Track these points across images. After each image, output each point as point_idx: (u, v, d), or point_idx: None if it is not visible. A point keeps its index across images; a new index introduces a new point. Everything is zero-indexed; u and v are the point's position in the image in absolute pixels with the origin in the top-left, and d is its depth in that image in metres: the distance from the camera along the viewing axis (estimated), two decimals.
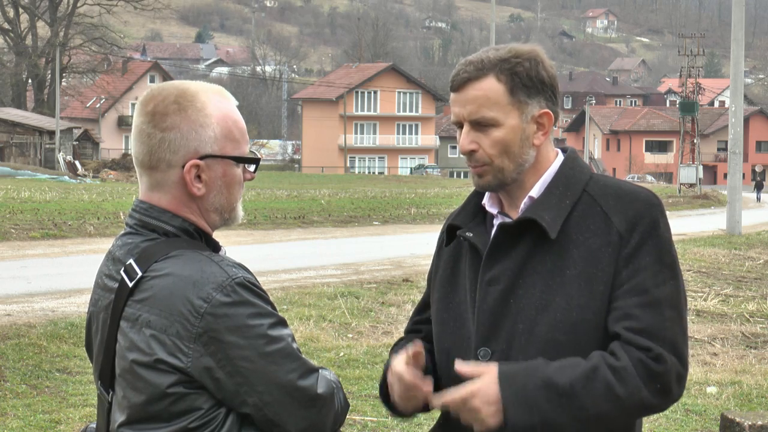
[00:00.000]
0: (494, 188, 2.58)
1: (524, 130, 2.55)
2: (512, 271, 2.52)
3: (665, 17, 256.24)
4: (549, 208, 2.53)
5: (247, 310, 2.32)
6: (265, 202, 34.10)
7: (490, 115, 2.53)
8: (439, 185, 60.06)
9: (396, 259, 19.08)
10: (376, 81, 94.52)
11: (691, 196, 54.81)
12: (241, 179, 2.48)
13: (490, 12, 46.98)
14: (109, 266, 2.48)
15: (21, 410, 7.92)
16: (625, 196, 2.52)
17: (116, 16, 79.54)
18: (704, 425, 7.90)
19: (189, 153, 2.41)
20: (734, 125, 29.36)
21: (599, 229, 2.50)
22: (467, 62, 2.57)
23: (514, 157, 2.55)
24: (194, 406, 2.34)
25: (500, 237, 2.55)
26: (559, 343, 2.47)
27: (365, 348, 10.29)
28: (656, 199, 2.54)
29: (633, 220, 2.49)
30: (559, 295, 2.48)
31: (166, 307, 2.32)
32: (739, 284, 16.29)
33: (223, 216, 2.48)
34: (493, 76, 2.53)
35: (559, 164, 2.61)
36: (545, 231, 2.50)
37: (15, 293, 13.28)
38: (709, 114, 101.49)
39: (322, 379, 2.43)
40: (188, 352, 2.31)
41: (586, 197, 2.55)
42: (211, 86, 2.49)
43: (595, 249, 2.48)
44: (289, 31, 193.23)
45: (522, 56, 2.55)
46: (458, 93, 2.56)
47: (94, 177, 59.80)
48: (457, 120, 2.58)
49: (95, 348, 2.52)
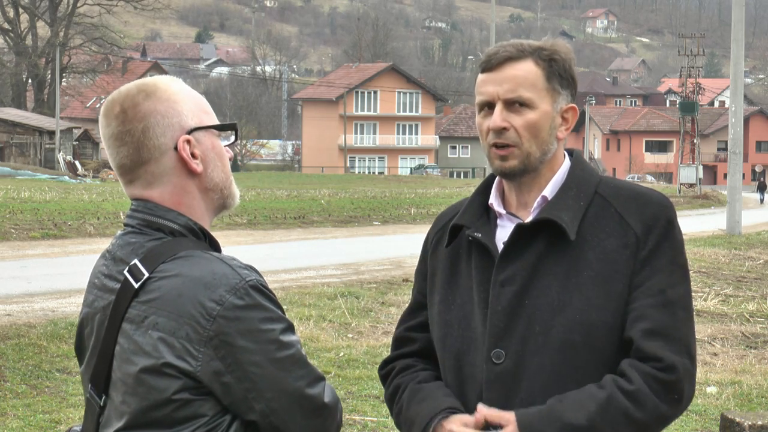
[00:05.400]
0: (516, 173, 2.55)
1: (554, 119, 2.56)
2: (527, 272, 2.51)
3: (665, 17, 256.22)
4: (566, 209, 2.52)
5: (260, 314, 2.26)
6: (265, 202, 34.09)
7: (527, 95, 2.52)
8: (439, 185, 60.04)
9: (396, 259, 19.07)
10: (376, 81, 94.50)
11: (691, 196, 54.81)
12: (226, 153, 2.45)
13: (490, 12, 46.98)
14: (108, 266, 2.38)
15: (21, 410, 7.92)
16: (639, 198, 2.54)
17: (116, 16, 79.56)
18: (704, 425, 7.90)
19: (176, 131, 2.36)
20: (734, 125, 29.35)
21: (615, 231, 2.50)
22: (505, 44, 2.58)
23: (542, 144, 2.54)
24: (199, 412, 2.26)
25: (516, 237, 2.53)
26: (576, 345, 2.46)
27: (365, 348, 10.28)
28: (669, 201, 2.57)
29: (649, 222, 2.50)
30: (575, 297, 2.47)
31: (176, 309, 2.24)
32: (739, 284, 16.29)
33: (223, 193, 2.42)
34: (532, 60, 2.55)
35: (569, 166, 2.61)
36: (564, 232, 2.49)
37: (15, 293, 13.27)
38: (709, 114, 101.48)
39: (328, 389, 2.37)
40: (198, 355, 2.23)
41: (599, 199, 2.55)
42: (162, 76, 2.47)
43: (612, 250, 2.49)
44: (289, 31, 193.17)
45: (559, 48, 2.58)
46: (494, 72, 2.55)
47: (94, 177, 59.82)
48: (489, 99, 2.55)
49: (88, 350, 2.42)
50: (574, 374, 2.47)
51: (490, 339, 2.51)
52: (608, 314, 2.46)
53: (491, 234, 2.58)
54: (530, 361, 2.48)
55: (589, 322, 2.46)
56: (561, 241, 2.50)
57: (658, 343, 2.43)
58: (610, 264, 2.48)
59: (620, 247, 2.49)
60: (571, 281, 2.48)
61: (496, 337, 2.51)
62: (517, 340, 2.49)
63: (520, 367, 2.49)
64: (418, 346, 2.72)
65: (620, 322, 2.47)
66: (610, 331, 2.47)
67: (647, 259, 2.48)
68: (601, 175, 2.62)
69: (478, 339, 2.54)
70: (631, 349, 2.47)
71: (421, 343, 2.72)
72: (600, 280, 2.47)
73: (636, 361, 2.44)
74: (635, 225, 2.50)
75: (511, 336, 2.50)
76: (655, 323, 2.44)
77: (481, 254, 2.58)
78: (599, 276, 2.47)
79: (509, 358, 2.49)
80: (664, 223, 2.51)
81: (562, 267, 2.49)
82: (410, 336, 2.74)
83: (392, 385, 2.71)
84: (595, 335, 2.46)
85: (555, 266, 2.50)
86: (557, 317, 2.47)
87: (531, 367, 2.49)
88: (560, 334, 2.46)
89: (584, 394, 2.42)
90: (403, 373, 2.71)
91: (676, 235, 2.53)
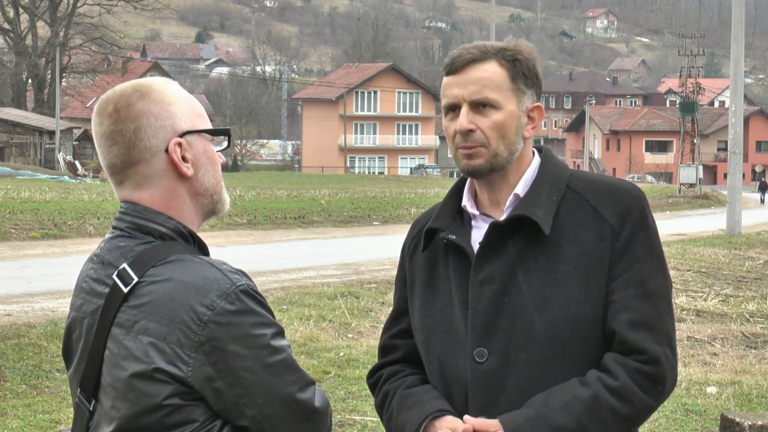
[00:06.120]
0: (483, 172, 2.57)
1: (519, 118, 2.58)
2: (505, 270, 2.52)
3: (665, 17, 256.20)
4: (539, 205, 2.53)
5: (251, 319, 2.25)
6: (265, 202, 34.10)
7: (492, 96, 2.54)
8: (439, 185, 60.03)
9: (396, 259, 18.97)
10: (376, 81, 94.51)
11: (691, 196, 54.77)
12: (218, 158, 2.44)
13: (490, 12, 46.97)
14: (97, 270, 2.37)
15: (21, 410, 7.92)
16: (612, 190, 2.56)
17: (116, 16, 79.52)
18: (704, 425, 7.89)
19: (168, 133, 2.34)
20: (734, 125, 29.36)
21: (590, 224, 2.52)
22: (468, 47, 2.59)
23: (509, 144, 2.56)
24: (190, 418, 2.25)
25: (491, 236, 2.55)
26: (562, 340, 2.47)
27: (365, 348, 10.28)
28: (641, 192, 2.59)
29: (623, 213, 2.52)
30: (556, 292, 2.48)
31: (167, 314, 2.23)
32: (739, 284, 16.29)
33: (213, 198, 2.41)
34: (496, 61, 2.56)
35: (539, 162, 2.63)
36: (539, 227, 2.50)
37: (15, 293, 13.28)
38: (709, 114, 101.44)
39: (319, 393, 2.37)
40: (189, 361, 2.22)
41: (571, 193, 2.57)
42: (158, 77, 2.47)
43: (588, 244, 2.51)
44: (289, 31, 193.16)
45: (521, 48, 2.60)
46: (458, 74, 2.57)
47: (94, 177, 59.81)
48: (455, 102, 2.57)
49: (77, 355, 2.40)
50: (562, 369, 2.48)
51: (473, 339, 2.53)
52: (589, 308, 2.48)
53: (466, 235, 2.59)
54: (516, 359, 2.49)
55: (571, 317, 2.47)
56: (537, 237, 2.52)
57: (642, 334, 2.46)
58: (588, 257, 2.50)
59: (596, 240, 2.51)
60: (550, 276, 2.50)
61: (478, 337, 2.52)
62: (501, 339, 2.50)
63: (506, 365, 2.50)
64: (402, 353, 2.73)
65: (602, 315, 2.49)
66: (594, 324, 2.49)
67: (624, 249, 2.50)
68: (572, 169, 2.65)
69: (461, 340, 2.55)
70: (613, 341, 2.49)
71: (405, 349, 2.73)
72: (579, 274, 2.49)
73: (619, 356, 2.47)
74: (610, 217, 2.52)
75: (494, 334, 2.51)
76: (637, 314, 2.47)
77: (458, 256, 2.59)
78: (578, 270, 2.49)
79: (493, 356, 2.50)
80: (638, 213, 2.53)
81: (541, 263, 2.51)
82: (394, 343, 2.76)
83: (381, 392, 2.72)
84: (580, 329, 2.48)
85: (533, 262, 2.51)
86: (540, 313, 2.48)
87: (517, 364, 2.50)
88: (546, 331, 2.47)
89: (569, 395, 2.43)
90: (391, 379, 2.72)
91: (650, 224, 2.55)
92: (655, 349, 2.46)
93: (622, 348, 2.47)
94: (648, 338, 2.46)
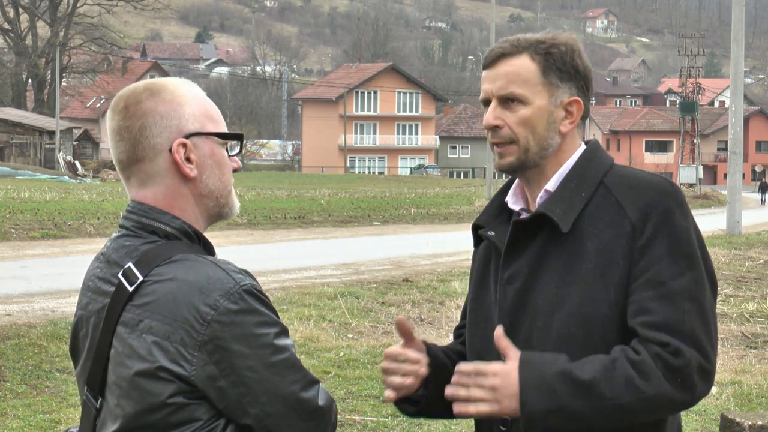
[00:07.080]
0: (515, 169, 2.54)
1: (552, 113, 2.52)
2: (528, 268, 2.49)
3: (665, 17, 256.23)
4: (561, 201, 2.49)
5: (254, 318, 2.26)
6: (265, 202, 34.12)
7: (518, 91, 2.50)
8: (439, 185, 60.06)
9: (396, 259, 19.07)
10: (376, 81, 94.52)
11: (691, 196, 54.81)
12: (229, 163, 2.44)
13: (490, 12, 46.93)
14: (103, 269, 2.39)
15: (21, 410, 7.92)
16: (638, 185, 2.46)
17: (116, 16, 79.61)
18: (704, 425, 7.89)
19: (173, 133, 2.36)
20: (734, 125, 29.35)
21: (612, 221, 2.44)
22: (504, 40, 2.56)
23: (539, 139, 2.51)
24: (193, 416, 2.26)
25: (516, 234, 2.52)
26: (573, 337, 2.43)
27: (365, 348, 10.28)
28: (671, 187, 2.47)
29: (645, 210, 2.43)
30: (574, 290, 2.44)
31: (170, 313, 2.24)
32: (739, 284, 16.28)
33: (219, 201, 2.41)
34: (528, 55, 2.51)
35: (578, 157, 2.57)
36: (557, 225, 2.47)
37: (15, 293, 13.28)
38: (709, 114, 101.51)
39: (322, 392, 2.38)
40: (192, 360, 2.23)
41: (602, 189, 2.49)
42: (177, 78, 2.48)
43: (608, 241, 2.43)
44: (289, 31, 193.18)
45: (559, 41, 2.54)
46: (490, 69, 2.54)
47: (94, 177, 59.85)
48: (486, 97, 2.54)
49: (83, 353, 2.42)
50: None
51: None
52: (605, 306, 2.42)
53: (505, 232, 2.56)
54: None
55: (585, 314, 2.42)
56: (559, 235, 2.48)
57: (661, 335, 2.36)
58: (607, 255, 2.42)
59: (616, 237, 2.43)
60: (570, 275, 2.45)
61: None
62: (522, 338, 2.48)
63: None
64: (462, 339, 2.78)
65: (619, 314, 2.42)
66: (609, 324, 2.42)
67: (644, 248, 2.41)
68: (616, 164, 2.56)
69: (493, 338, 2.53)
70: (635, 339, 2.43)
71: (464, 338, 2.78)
72: (598, 273, 2.42)
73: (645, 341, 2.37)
74: (631, 213, 2.43)
75: (518, 334, 2.49)
76: (656, 316, 2.37)
77: (497, 253, 2.58)
78: (597, 268, 2.43)
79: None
80: (662, 210, 2.42)
81: (562, 261, 2.47)
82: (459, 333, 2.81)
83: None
84: (593, 328, 2.42)
85: (555, 261, 2.47)
86: (557, 312, 2.45)
87: None
88: (560, 329, 2.44)
89: (591, 357, 2.38)
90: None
91: (676, 222, 2.43)
92: (678, 343, 2.35)
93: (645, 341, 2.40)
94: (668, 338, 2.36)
